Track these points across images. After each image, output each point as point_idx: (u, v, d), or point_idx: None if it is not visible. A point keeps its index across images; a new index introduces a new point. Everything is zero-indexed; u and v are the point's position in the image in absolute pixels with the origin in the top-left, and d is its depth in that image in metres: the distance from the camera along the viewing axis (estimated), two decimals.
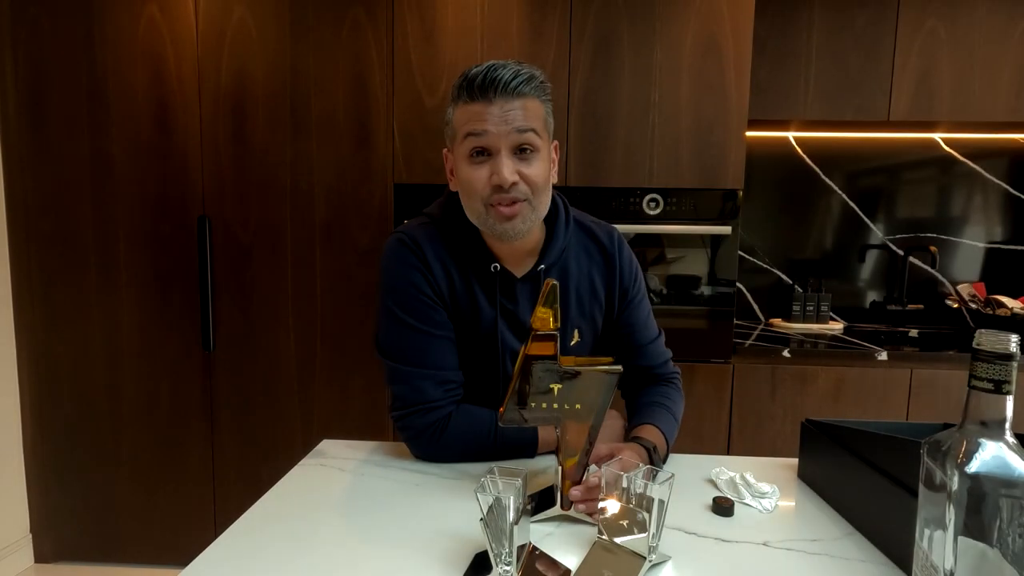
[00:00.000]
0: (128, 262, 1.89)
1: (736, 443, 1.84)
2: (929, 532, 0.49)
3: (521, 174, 0.85)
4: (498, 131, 0.83)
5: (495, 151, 0.85)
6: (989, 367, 0.46)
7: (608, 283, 1.01)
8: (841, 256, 2.29)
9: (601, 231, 1.02)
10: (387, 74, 1.79)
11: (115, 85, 1.83)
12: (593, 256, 1.00)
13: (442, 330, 0.93)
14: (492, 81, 0.83)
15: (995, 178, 2.22)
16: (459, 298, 0.94)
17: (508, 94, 0.83)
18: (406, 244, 0.93)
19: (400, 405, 0.92)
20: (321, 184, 1.84)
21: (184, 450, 1.95)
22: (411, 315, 0.91)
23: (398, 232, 0.95)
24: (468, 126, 0.85)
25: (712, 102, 1.77)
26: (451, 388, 0.93)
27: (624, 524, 0.64)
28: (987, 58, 1.93)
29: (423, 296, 0.91)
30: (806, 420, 0.87)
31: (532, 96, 0.86)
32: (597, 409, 0.71)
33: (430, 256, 0.92)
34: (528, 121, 0.85)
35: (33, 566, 2.00)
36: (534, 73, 0.86)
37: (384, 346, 0.94)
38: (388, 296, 0.93)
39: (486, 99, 0.83)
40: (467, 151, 0.86)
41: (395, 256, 0.93)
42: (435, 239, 0.94)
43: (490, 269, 0.93)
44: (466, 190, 0.88)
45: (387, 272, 0.93)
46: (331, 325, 1.88)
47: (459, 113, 0.87)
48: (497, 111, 0.83)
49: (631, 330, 1.03)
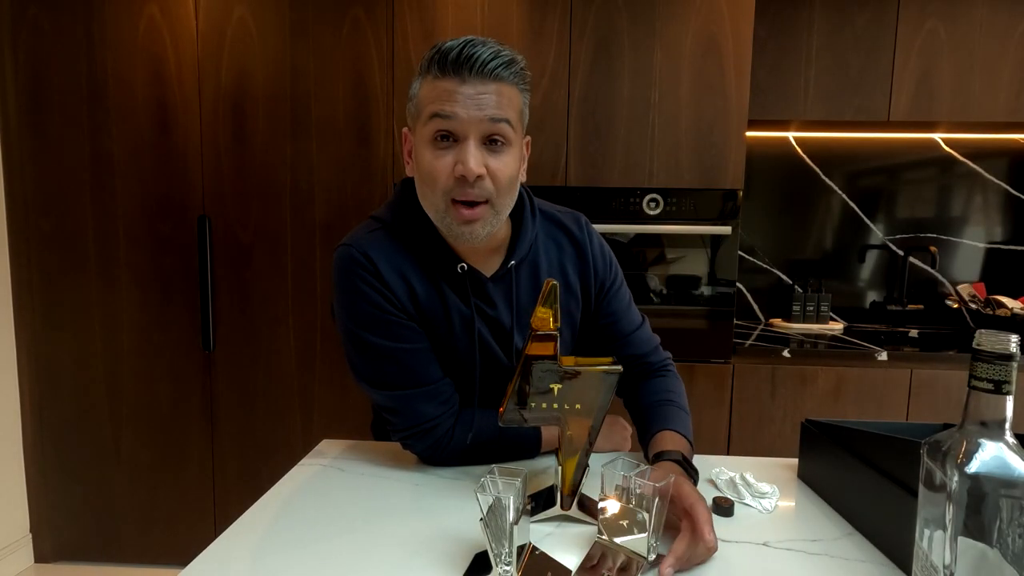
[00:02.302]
0: (128, 262, 1.89)
1: (736, 443, 1.84)
2: (929, 532, 0.49)
3: (488, 168, 0.77)
4: (468, 116, 0.74)
5: (462, 137, 0.76)
6: (989, 367, 0.46)
7: (582, 273, 0.94)
8: (841, 256, 2.29)
9: (568, 219, 0.95)
10: (387, 74, 1.79)
11: (115, 85, 1.83)
12: (564, 247, 0.93)
13: (416, 343, 0.85)
14: (468, 58, 0.73)
15: (995, 178, 2.22)
16: (423, 304, 0.86)
17: (484, 76, 0.74)
18: (356, 260, 0.83)
19: (398, 429, 0.87)
20: (321, 184, 1.84)
21: (184, 450, 1.95)
22: (380, 336, 0.83)
23: (344, 245, 0.85)
24: (435, 105, 0.75)
25: (712, 102, 1.77)
26: (445, 400, 0.88)
27: (624, 524, 0.64)
28: (987, 58, 1.93)
29: (386, 314, 0.83)
30: (806, 420, 0.86)
31: (510, 82, 0.77)
32: (597, 409, 0.71)
33: (383, 267, 0.83)
34: (503, 110, 0.76)
35: (33, 566, 2.00)
36: (515, 57, 0.78)
37: (363, 375, 0.86)
38: (350, 321, 0.84)
39: (459, 77, 0.74)
40: (430, 133, 0.77)
41: (346, 275, 0.83)
42: (387, 247, 0.84)
43: (456, 270, 0.85)
44: (426, 179, 0.79)
45: (342, 293, 0.84)
46: (331, 325, 1.88)
47: (426, 89, 0.77)
48: (470, 91, 0.74)
49: (613, 319, 0.96)
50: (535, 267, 0.91)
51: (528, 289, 0.90)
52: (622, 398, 1.01)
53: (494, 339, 0.91)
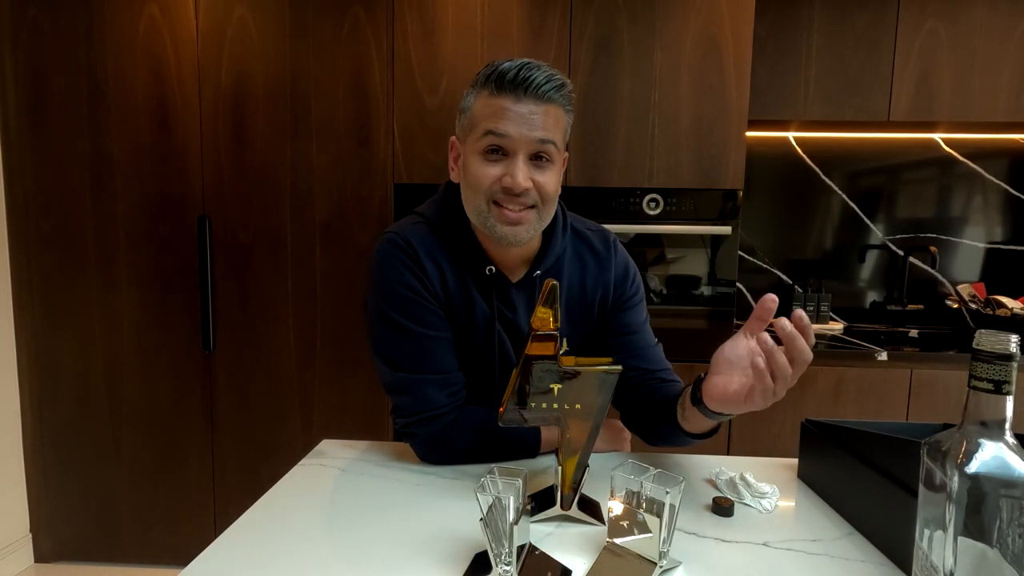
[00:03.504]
0: (128, 262, 1.89)
1: (736, 443, 1.84)
2: (929, 532, 0.49)
3: (534, 181, 0.83)
4: (519, 134, 0.81)
5: (512, 153, 0.82)
6: (989, 367, 0.46)
7: (600, 287, 0.97)
8: (841, 256, 2.29)
9: (596, 237, 0.99)
10: (387, 74, 1.79)
11: (115, 85, 1.83)
12: (588, 264, 0.97)
13: (440, 331, 0.90)
14: (524, 80, 0.80)
15: (995, 178, 2.22)
16: (453, 298, 0.91)
17: (538, 97, 0.81)
18: (398, 244, 0.89)
19: (404, 413, 0.89)
20: (321, 184, 1.84)
21: (184, 450, 1.95)
22: (407, 317, 0.88)
23: (388, 232, 0.92)
24: (490, 123, 0.82)
25: (712, 102, 1.77)
26: (455, 391, 0.90)
27: (634, 529, 0.64)
28: (987, 58, 1.93)
29: (418, 297, 0.88)
30: (806, 420, 0.86)
31: (559, 104, 0.84)
32: (597, 409, 0.71)
33: (423, 255, 0.89)
34: (550, 132, 0.83)
35: (33, 566, 2.00)
36: (565, 81, 0.84)
37: (381, 352, 0.90)
38: (381, 300, 0.89)
39: (514, 96, 0.80)
40: (483, 147, 0.83)
41: (386, 257, 0.89)
42: (428, 238, 0.90)
43: (485, 271, 0.91)
44: (472, 184, 0.85)
45: (378, 274, 0.89)
46: (331, 325, 1.88)
47: (481, 104, 0.83)
48: (523, 111, 0.81)
49: (626, 330, 0.98)
50: (557, 280, 0.94)
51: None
52: (623, 410, 0.99)
53: (511, 342, 0.95)
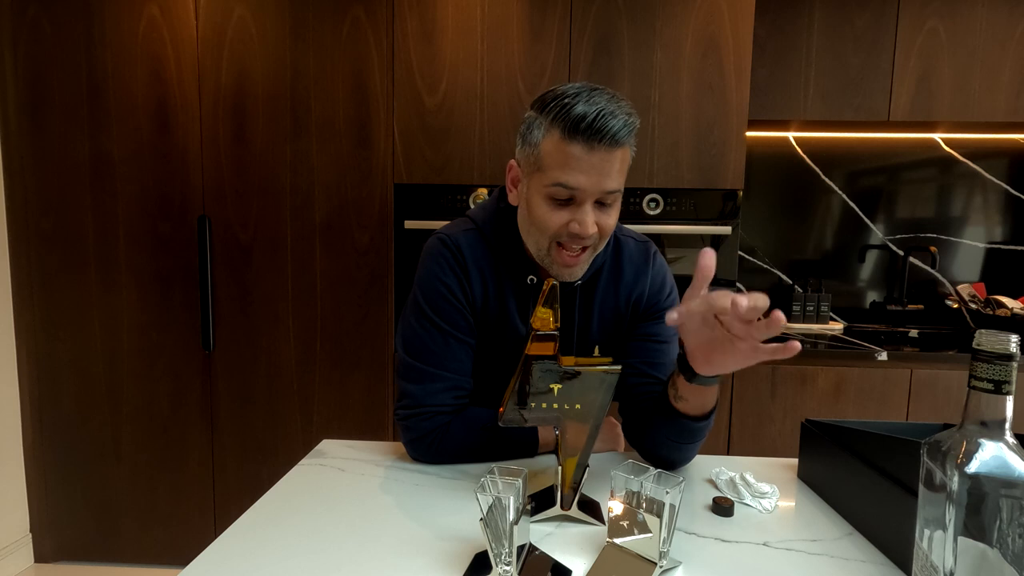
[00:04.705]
0: (128, 262, 1.89)
1: (736, 443, 1.84)
2: (929, 532, 0.49)
3: (598, 223, 0.82)
4: (590, 185, 0.79)
5: (580, 201, 0.81)
6: (989, 367, 0.46)
7: (634, 297, 0.98)
8: (841, 256, 2.29)
9: (637, 248, 0.99)
10: (387, 74, 1.79)
11: (115, 85, 1.83)
12: (624, 274, 0.97)
13: (465, 335, 0.92)
14: (600, 131, 0.76)
15: (995, 178, 2.22)
16: (490, 307, 0.93)
17: (613, 145, 0.77)
18: (448, 246, 0.92)
19: (408, 404, 0.91)
20: (321, 184, 1.84)
21: (184, 450, 1.95)
22: (438, 314, 0.91)
23: (441, 233, 0.95)
24: (561, 174, 0.79)
25: (712, 102, 1.77)
26: (460, 395, 0.92)
27: (634, 529, 0.64)
28: (987, 58, 1.93)
29: (453, 299, 0.91)
30: (806, 420, 0.86)
31: (628, 144, 0.81)
32: (597, 409, 0.71)
33: (470, 262, 0.92)
34: (619, 179, 0.81)
35: (33, 566, 2.00)
36: (636, 120, 0.80)
37: (405, 340, 0.93)
38: (420, 292, 0.93)
39: (588, 146, 0.77)
40: (551, 194, 0.81)
41: (435, 255, 0.93)
42: (479, 247, 0.93)
43: (526, 281, 0.93)
44: (537, 224, 0.84)
45: (423, 267, 0.93)
46: (331, 325, 1.88)
47: (551, 146, 0.79)
48: (596, 162, 0.78)
49: (651, 339, 0.96)
50: (594, 287, 0.96)
51: (584, 309, 0.96)
52: (629, 421, 0.97)
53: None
